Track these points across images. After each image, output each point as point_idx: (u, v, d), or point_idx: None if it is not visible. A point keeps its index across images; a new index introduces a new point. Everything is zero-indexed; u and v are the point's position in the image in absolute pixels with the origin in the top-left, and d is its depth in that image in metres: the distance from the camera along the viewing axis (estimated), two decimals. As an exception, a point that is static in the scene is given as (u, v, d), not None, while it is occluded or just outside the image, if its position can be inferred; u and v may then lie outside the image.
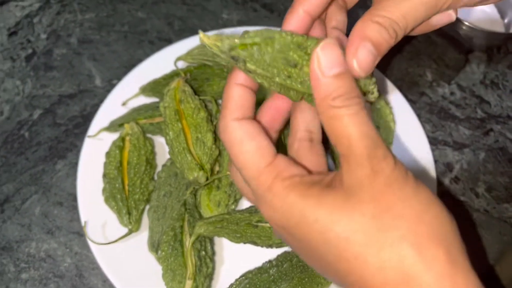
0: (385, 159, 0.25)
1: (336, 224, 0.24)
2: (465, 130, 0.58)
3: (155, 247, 0.46)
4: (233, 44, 0.26)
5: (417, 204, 0.25)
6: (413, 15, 0.28)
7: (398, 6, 0.28)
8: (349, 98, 0.26)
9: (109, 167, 0.49)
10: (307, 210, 0.25)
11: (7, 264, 0.49)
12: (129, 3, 0.69)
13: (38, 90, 0.60)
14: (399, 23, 0.28)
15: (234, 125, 0.29)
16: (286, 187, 0.26)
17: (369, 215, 0.24)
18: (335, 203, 0.25)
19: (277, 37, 0.27)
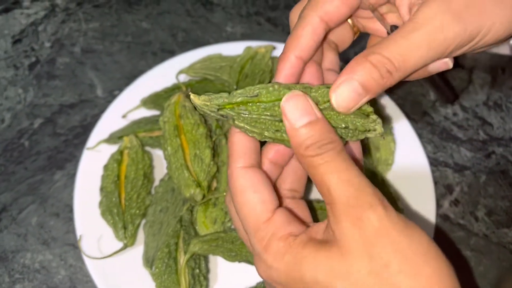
0: (371, 207, 0.24)
1: (338, 280, 0.24)
2: (466, 152, 0.58)
3: (150, 263, 0.46)
4: (221, 104, 0.28)
5: (414, 256, 0.24)
6: (413, 57, 0.27)
7: (397, 44, 0.27)
8: (321, 146, 0.26)
9: (107, 181, 0.49)
10: (305, 271, 0.25)
11: (2, 274, 0.49)
12: (133, 13, 0.69)
13: (39, 99, 0.60)
14: (395, 63, 0.27)
15: (238, 174, 0.29)
16: (281, 249, 0.27)
17: (365, 271, 0.24)
18: (332, 262, 0.25)
19: (264, 93, 0.28)
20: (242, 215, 0.29)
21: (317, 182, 0.27)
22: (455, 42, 0.27)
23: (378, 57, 0.27)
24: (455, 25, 0.27)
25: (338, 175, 0.25)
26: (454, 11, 0.27)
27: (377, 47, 0.27)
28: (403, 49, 0.27)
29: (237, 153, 0.30)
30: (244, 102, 0.28)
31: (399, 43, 0.27)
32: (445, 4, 0.27)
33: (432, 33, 0.27)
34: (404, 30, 0.27)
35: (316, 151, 0.26)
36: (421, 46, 0.27)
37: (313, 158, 0.26)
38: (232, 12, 0.69)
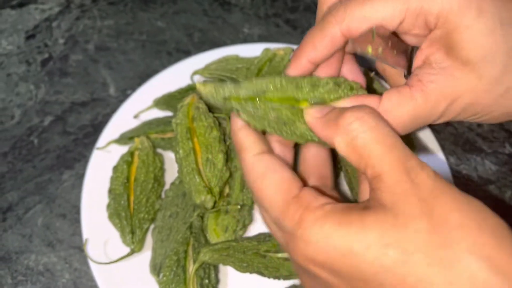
0: (422, 169, 0.23)
1: (391, 248, 0.21)
2: (491, 165, 0.55)
3: (157, 270, 0.44)
4: (227, 96, 0.28)
5: (473, 212, 0.22)
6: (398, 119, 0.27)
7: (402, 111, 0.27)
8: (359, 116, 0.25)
9: (116, 183, 0.47)
10: (353, 238, 0.22)
11: (5, 275, 0.47)
12: (149, 11, 0.67)
13: (51, 96, 0.59)
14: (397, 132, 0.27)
15: (254, 160, 0.28)
16: (320, 218, 0.24)
17: (424, 231, 0.21)
18: (384, 224, 0.22)
19: (271, 88, 0.28)
20: (267, 199, 0.27)
21: (359, 155, 0.24)
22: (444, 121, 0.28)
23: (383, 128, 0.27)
24: (450, 113, 0.28)
25: (384, 142, 0.24)
26: (457, 103, 0.27)
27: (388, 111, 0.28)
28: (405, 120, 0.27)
29: (246, 145, 0.29)
30: (251, 98, 0.28)
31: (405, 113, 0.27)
32: (455, 94, 0.27)
33: (430, 114, 0.27)
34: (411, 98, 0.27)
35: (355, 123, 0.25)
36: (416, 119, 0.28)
37: (350, 127, 0.25)
38: (250, 13, 0.67)
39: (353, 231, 0.22)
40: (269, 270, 0.42)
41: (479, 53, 0.25)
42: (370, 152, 0.24)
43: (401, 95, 0.27)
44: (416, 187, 0.22)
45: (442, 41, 0.27)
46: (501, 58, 0.26)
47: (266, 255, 0.42)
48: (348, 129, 0.25)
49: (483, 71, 0.26)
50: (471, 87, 0.26)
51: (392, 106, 0.27)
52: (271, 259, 0.42)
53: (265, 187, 0.27)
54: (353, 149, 0.25)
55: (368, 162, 0.24)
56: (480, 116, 0.28)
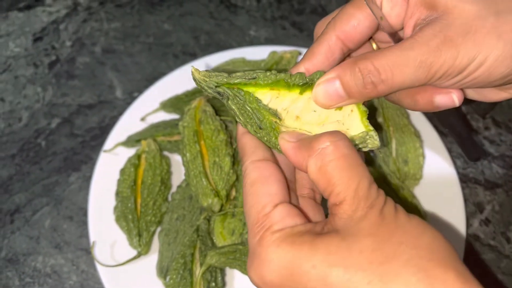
0: (378, 198, 0.25)
1: (335, 267, 0.23)
2: (498, 168, 0.55)
3: (164, 273, 0.44)
4: (220, 82, 0.29)
5: (412, 229, 0.24)
6: (401, 73, 0.27)
7: (388, 56, 0.27)
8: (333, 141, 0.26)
9: (123, 185, 0.47)
10: (302, 258, 0.24)
11: (12, 277, 0.48)
12: (156, 14, 0.67)
13: (58, 99, 0.59)
14: (382, 74, 0.27)
15: (250, 167, 0.29)
16: (276, 240, 0.25)
17: (368, 250, 0.23)
18: (330, 246, 0.24)
19: (262, 76, 0.29)
20: (247, 208, 0.28)
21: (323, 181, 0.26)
22: (443, 67, 0.27)
23: (367, 65, 0.27)
24: (446, 50, 0.27)
25: (350, 172, 0.25)
26: (450, 37, 0.27)
27: (370, 54, 0.27)
28: (393, 62, 0.27)
29: (248, 149, 0.30)
30: (242, 84, 0.29)
31: (391, 56, 0.27)
32: (444, 28, 0.27)
33: (424, 53, 0.27)
34: (399, 46, 0.27)
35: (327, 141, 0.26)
36: (410, 64, 0.27)
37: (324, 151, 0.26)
38: (256, 15, 0.67)
39: (303, 252, 0.24)
40: (276, 274, 0.42)
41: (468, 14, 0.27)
42: (338, 179, 0.25)
43: (393, 45, 0.28)
44: (369, 213, 0.24)
45: (422, 3, 0.28)
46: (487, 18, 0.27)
47: (272, 259, 0.42)
48: (322, 154, 0.26)
49: (463, 6, 0.27)
50: (457, 21, 0.27)
51: (380, 51, 0.28)
52: (277, 263, 0.42)
53: (249, 196, 0.28)
54: (323, 174, 0.26)
55: (334, 189, 0.25)
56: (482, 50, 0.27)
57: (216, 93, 0.29)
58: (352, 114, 0.30)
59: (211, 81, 0.28)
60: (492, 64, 0.27)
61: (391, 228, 0.24)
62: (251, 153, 0.30)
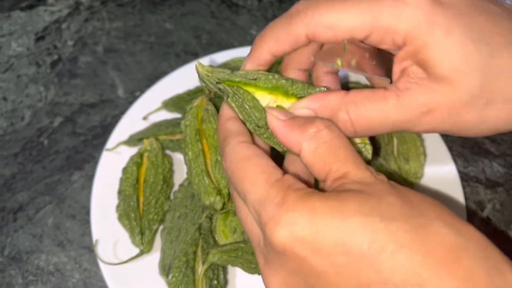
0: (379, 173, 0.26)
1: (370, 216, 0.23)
2: (499, 167, 0.55)
3: (166, 271, 0.44)
4: (221, 79, 0.29)
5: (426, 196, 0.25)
6: (375, 129, 0.28)
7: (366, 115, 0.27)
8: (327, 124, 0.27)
9: (125, 184, 0.47)
10: (335, 210, 0.23)
11: (15, 275, 0.48)
12: (157, 13, 0.68)
13: (60, 98, 0.59)
14: (356, 128, 0.28)
15: (240, 145, 0.28)
16: (303, 196, 0.24)
17: (396, 204, 0.23)
18: (360, 199, 0.24)
19: (263, 79, 0.29)
20: (249, 180, 0.26)
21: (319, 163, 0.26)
22: (420, 132, 0.28)
23: (343, 116, 0.28)
24: (425, 125, 0.27)
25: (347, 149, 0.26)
26: (433, 114, 0.27)
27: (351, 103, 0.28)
28: (371, 121, 0.27)
29: (233, 131, 0.30)
30: (242, 83, 0.29)
31: (371, 115, 0.27)
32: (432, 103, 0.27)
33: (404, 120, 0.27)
34: (382, 104, 0.27)
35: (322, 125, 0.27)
36: (388, 125, 0.28)
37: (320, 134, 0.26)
38: (257, 15, 0.68)
39: (334, 204, 0.23)
40: (278, 272, 0.43)
41: (452, 68, 0.25)
42: (336, 156, 0.25)
43: (373, 93, 0.28)
44: (378, 180, 0.25)
45: (414, 57, 0.27)
46: (475, 72, 0.26)
47: (274, 257, 0.43)
48: (317, 136, 0.26)
49: (459, 85, 0.26)
50: (447, 100, 0.26)
51: (360, 100, 0.28)
52: (279, 261, 0.43)
53: (249, 168, 0.27)
54: (319, 156, 0.26)
55: (333, 166, 0.25)
56: (461, 131, 0.28)
57: (217, 89, 0.30)
58: None
59: (213, 76, 0.29)
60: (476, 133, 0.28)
61: (407, 191, 0.24)
62: (239, 134, 0.29)
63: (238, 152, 0.28)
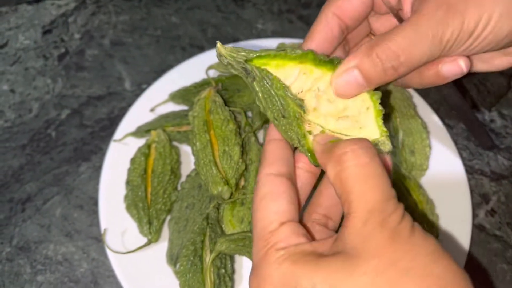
0: (395, 211, 0.24)
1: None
2: (504, 160, 0.55)
3: (174, 260, 0.45)
4: (248, 57, 0.28)
5: (425, 254, 0.22)
6: (418, 50, 0.27)
7: (402, 37, 0.27)
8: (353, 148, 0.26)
9: (133, 174, 0.48)
10: (302, 276, 0.24)
11: (24, 265, 0.48)
12: (163, 7, 0.68)
13: (67, 90, 0.60)
14: (401, 57, 0.27)
15: (264, 180, 0.29)
16: (279, 257, 0.25)
17: (372, 273, 0.22)
18: (332, 266, 0.23)
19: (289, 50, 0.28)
20: (254, 221, 0.28)
21: (339, 188, 0.25)
22: (454, 35, 0.27)
23: (384, 50, 0.27)
24: (452, 18, 0.27)
25: (366, 182, 0.25)
26: (452, 4, 0.27)
27: (384, 38, 0.27)
28: (408, 41, 0.27)
29: (269, 160, 0.29)
30: (271, 56, 0.28)
31: (405, 35, 0.27)
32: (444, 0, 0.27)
33: (433, 26, 0.27)
34: (408, 24, 0.27)
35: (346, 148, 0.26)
36: (424, 39, 0.27)
37: (342, 158, 0.25)
38: (263, 8, 0.68)
39: (305, 271, 0.24)
40: (284, 261, 0.43)
41: None
42: (352, 188, 0.24)
43: (398, 26, 0.28)
44: (379, 231, 0.23)
45: None
46: None
47: (281, 246, 0.43)
48: (340, 160, 0.25)
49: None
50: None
51: (390, 33, 0.27)
52: (286, 250, 0.43)
53: (257, 210, 0.28)
54: (340, 181, 0.25)
55: (348, 197, 0.25)
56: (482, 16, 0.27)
57: (242, 70, 0.28)
58: (367, 112, 0.30)
59: (239, 55, 0.28)
60: (497, 21, 0.27)
61: (401, 250, 0.22)
62: (270, 164, 0.29)
63: (258, 187, 0.29)
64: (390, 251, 0.22)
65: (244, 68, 0.28)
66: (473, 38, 0.28)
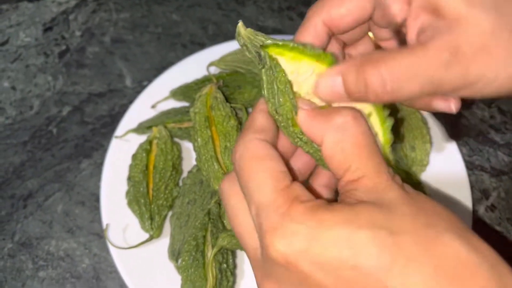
0: (395, 174, 0.25)
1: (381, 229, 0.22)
2: (504, 156, 0.55)
3: (175, 256, 0.45)
4: (265, 43, 0.27)
5: (435, 204, 0.24)
6: (409, 86, 0.25)
7: (395, 66, 0.25)
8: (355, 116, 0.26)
9: (135, 170, 0.48)
10: (343, 222, 0.22)
11: (26, 261, 0.48)
12: (164, 5, 0.68)
13: (68, 87, 0.60)
14: (387, 86, 0.25)
15: (257, 143, 0.27)
16: (310, 206, 0.23)
17: (408, 215, 0.23)
18: (370, 211, 0.22)
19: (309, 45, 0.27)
20: (256, 182, 0.25)
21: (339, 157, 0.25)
22: (452, 84, 0.26)
23: (374, 74, 0.25)
24: (456, 66, 0.25)
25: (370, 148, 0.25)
26: (462, 51, 0.25)
27: (379, 60, 0.26)
28: (401, 74, 0.25)
29: (257, 126, 0.28)
30: (288, 47, 0.27)
31: (400, 66, 0.25)
32: (456, 40, 0.25)
33: (434, 68, 0.25)
34: (408, 54, 0.26)
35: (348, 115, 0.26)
36: (419, 78, 0.25)
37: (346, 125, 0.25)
38: (263, 6, 0.68)
39: (342, 217, 0.22)
40: (286, 256, 0.43)
41: (465, 4, 0.25)
42: (359, 154, 0.24)
43: (397, 50, 0.26)
44: (392, 186, 0.24)
45: (427, 8, 0.27)
46: (489, 8, 0.25)
47: (282, 241, 0.43)
48: (343, 127, 0.25)
49: (475, 19, 0.25)
50: (470, 36, 0.25)
51: (387, 56, 0.26)
52: (287, 245, 0.43)
53: (259, 170, 0.25)
54: (342, 149, 0.25)
55: (352, 164, 0.24)
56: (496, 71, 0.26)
57: (256, 55, 0.27)
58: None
59: (257, 39, 0.27)
60: (502, 82, 0.26)
61: (417, 199, 0.24)
62: (262, 131, 0.28)
63: (251, 149, 0.26)
64: (412, 201, 0.23)
65: (258, 53, 0.27)
66: (471, 90, 0.26)
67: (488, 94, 0.27)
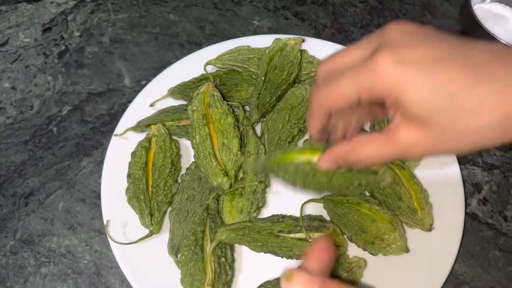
0: None
1: None
2: (495, 150, 0.56)
3: (175, 251, 0.46)
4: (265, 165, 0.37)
5: None
6: (374, 160, 0.32)
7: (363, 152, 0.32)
8: None
9: (134, 167, 0.49)
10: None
11: (28, 257, 0.49)
12: (161, 5, 0.69)
13: (68, 87, 0.61)
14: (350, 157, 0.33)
15: None
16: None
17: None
18: None
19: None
20: None
21: None
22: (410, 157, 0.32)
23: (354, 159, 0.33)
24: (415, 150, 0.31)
25: None
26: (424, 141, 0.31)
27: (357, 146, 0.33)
28: (374, 157, 0.32)
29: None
30: (279, 159, 0.36)
31: (373, 151, 0.32)
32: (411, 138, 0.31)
33: (397, 153, 0.31)
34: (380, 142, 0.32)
35: None
36: (384, 157, 0.32)
37: None
38: (259, 6, 0.69)
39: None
40: (283, 250, 0.44)
41: (423, 110, 0.30)
42: None
43: (371, 137, 0.33)
44: None
45: (396, 106, 0.31)
46: (441, 112, 0.30)
47: (279, 235, 0.44)
48: None
49: (431, 123, 0.30)
50: (425, 135, 0.30)
51: (361, 144, 0.33)
52: (284, 239, 0.44)
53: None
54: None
55: None
56: (445, 154, 0.32)
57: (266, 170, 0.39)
58: None
59: (258, 167, 0.41)
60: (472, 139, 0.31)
61: None
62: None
63: None
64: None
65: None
66: None
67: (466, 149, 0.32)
